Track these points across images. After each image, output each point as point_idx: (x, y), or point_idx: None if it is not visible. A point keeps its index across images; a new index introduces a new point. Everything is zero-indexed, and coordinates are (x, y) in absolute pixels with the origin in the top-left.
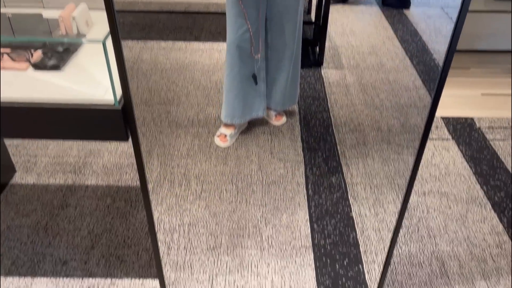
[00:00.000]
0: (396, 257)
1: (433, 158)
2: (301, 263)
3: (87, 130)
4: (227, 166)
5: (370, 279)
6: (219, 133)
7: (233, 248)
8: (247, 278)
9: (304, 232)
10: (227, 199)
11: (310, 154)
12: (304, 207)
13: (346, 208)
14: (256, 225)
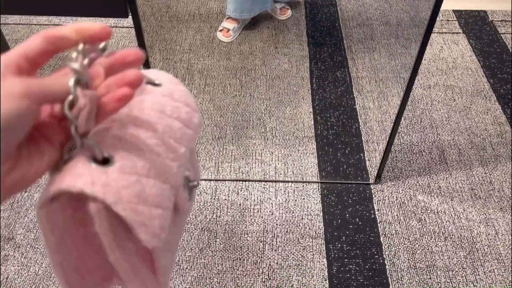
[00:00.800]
0: (397, 146)
1: (441, 52)
2: (303, 152)
3: (89, 5)
4: (230, 61)
5: (371, 165)
6: (222, 27)
7: (237, 138)
8: (252, 165)
9: (307, 124)
10: (231, 93)
11: (316, 49)
12: (308, 100)
13: (350, 101)
14: (260, 117)
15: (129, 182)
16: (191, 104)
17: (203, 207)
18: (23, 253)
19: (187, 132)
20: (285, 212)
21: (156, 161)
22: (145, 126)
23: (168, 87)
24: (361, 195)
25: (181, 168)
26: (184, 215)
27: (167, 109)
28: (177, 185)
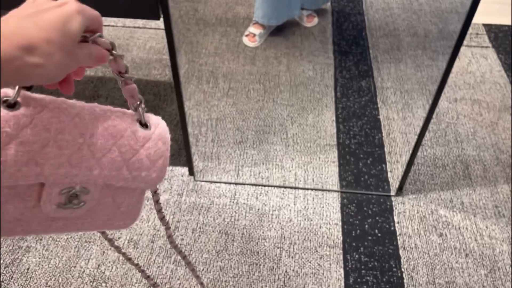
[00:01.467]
0: (420, 159)
1: (469, 65)
2: (325, 160)
3: (121, 5)
4: (255, 65)
5: (392, 177)
6: (248, 32)
7: (259, 143)
8: (272, 171)
9: (329, 132)
10: (254, 98)
11: (341, 57)
12: (331, 108)
13: (374, 111)
14: (282, 123)
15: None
16: (155, 163)
17: (222, 210)
18: (45, 245)
19: (122, 170)
20: (303, 219)
21: (49, 147)
22: (78, 127)
23: (149, 136)
24: (382, 206)
25: (75, 178)
26: (40, 216)
27: (121, 141)
28: (52, 181)
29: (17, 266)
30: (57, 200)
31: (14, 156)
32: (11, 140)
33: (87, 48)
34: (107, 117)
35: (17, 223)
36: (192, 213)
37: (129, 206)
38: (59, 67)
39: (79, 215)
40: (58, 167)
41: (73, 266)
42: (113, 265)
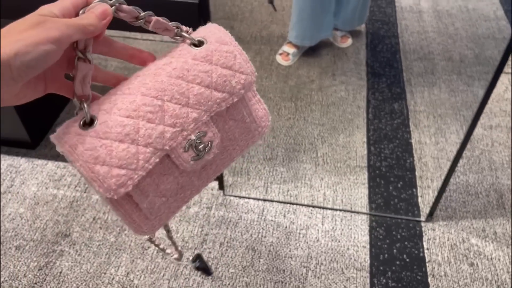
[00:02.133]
0: (453, 185)
1: (506, 92)
2: (354, 181)
3: None
4: (287, 84)
5: (423, 202)
6: (282, 51)
7: (288, 161)
8: (300, 189)
9: (360, 153)
10: (285, 115)
11: (374, 79)
12: (362, 129)
13: (405, 134)
14: (312, 142)
15: (93, 146)
16: (234, 66)
17: (249, 225)
18: (78, 250)
19: (214, 96)
20: (330, 240)
21: (141, 128)
22: (146, 94)
23: (210, 48)
24: (411, 231)
25: (183, 133)
26: (193, 174)
27: (189, 74)
28: (170, 148)
29: (50, 269)
30: (189, 157)
31: (123, 154)
32: (111, 144)
33: (81, 17)
34: (166, 66)
35: (182, 190)
36: (220, 227)
37: (250, 113)
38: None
39: (219, 151)
40: (162, 135)
41: (103, 273)
42: (142, 274)
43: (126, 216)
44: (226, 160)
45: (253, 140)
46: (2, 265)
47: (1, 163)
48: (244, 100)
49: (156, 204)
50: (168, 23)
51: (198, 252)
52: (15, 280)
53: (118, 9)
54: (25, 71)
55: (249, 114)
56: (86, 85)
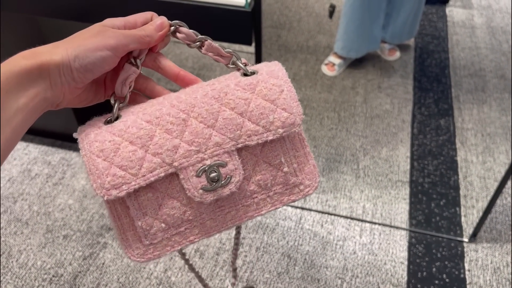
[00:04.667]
0: (499, 207)
1: None
2: (395, 196)
3: (215, 30)
4: (331, 94)
5: (467, 222)
6: (328, 61)
7: (329, 171)
8: (339, 200)
9: (402, 168)
10: (328, 126)
11: (421, 93)
12: (406, 144)
13: (451, 151)
14: (354, 153)
15: (103, 139)
16: (277, 100)
17: (286, 232)
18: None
19: (245, 126)
20: (368, 253)
21: (156, 136)
22: (175, 105)
23: (257, 78)
24: (452, 251)
25: (199, 154)
26: (205, 210)
27: (226, 97)
28: (180, 166)
29: (94, 260)
30: (199, 184)
31: (128, 155)
32: (121, 142)
33: (139, 29)
34: (206, 87)
35: (189, 225)
36: (257, 231)
37: (291, 163)
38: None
39: (241, 194)
40: (175, 149)
41: (142, 267)
42: (179, 271)
43: (120, 229)
44: (251, 209)
45: (291, 198)
46: (50, 252)
47: (55, 156)
48: (285, 144)
49: (153, 227)
50: (222, 50)
51: (253, 285)
52: (61, 267)
53: (177, 30)
54: (83, 74)
55: (290, 163)
56: (126, 86)
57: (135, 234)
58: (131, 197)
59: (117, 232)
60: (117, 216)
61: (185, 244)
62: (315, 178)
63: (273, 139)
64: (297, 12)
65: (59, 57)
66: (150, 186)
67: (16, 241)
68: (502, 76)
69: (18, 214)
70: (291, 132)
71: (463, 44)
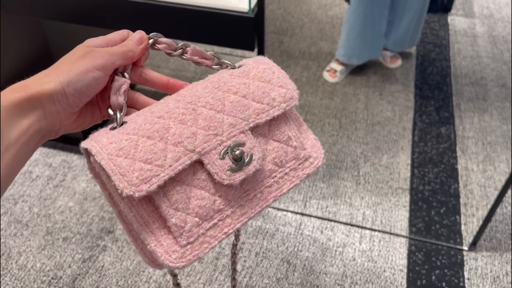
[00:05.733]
0: (499, 215)
1: None
2: (395, 203)
3: (218, 35)
4: (332, 100)
5: (466, 230)
6: (329, 68)
7: (329, 177)
8: (340, 206)
9: (403, 175)
10: (329, 132)
11: (422, 101)
12: (407, 151)
13: (452, 159)
14: (355, 160)
15: (118, 139)
16: (272, 80)
17: (286, 238)
18: (120, 247)
19: (252, 106)
20: (367, 260)
21: (172, 127)
22: (180, 100)
23: (248, 67)
24: (452, 259)
25: (218, 137)
26: (232, 196)
27: (226, 85)
28: (204, 151)
29: (93, 262)
30: (225, 165)
31: (150, 148)
32: (138, 139)
33: (121, 45)
34: (203, 82)
35: (220, 215)
36: (257, 237)
37: (297, 137)
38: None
39: (262, 174)
40: (194, 136)
41: (142, 271)
42: (178, 275)
43: (151, 236)
44: (273, 189)
45: (305, 171)
46: (49, 255)
47: (56, 158)
48: (288, 121)
49: (187, 224)
50: (206, 52)
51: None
52: (60, 269)
53: (156, 41)
54: (78, 98)
55: (296, 138)
56: (121, 96)
57: (168, 237)
58: (159, 193)
59: (147, 240)
60: (144, 223)
61: (221, 238)
62: (320, 150)
63: (278, 118)
64: (300, 19)
65: (51, 86)
66: (176, 179)
67: (16, 243)
68: (503, 85)
69: (18, 216)
70: (291, 107)
71: (464, 52)
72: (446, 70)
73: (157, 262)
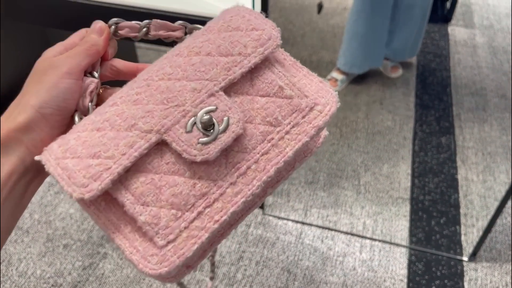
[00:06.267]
0: (499, 226)
1: None
2: (396, 213)
3: None
4: None
5: (466, 241)
6: (330, 77)
7: (329, 186)
8: (340, 215)
9: (403, 185)
10: (329, 141)
11: (422, 111)
12: (407, 161)
13: (452, 169)
14: (355, 169)
15: (66, 140)
16: (241, 26)
17: (286, 247)
18: (120, 254)
19: (220, 62)
20: (367, 270)
21: (125, 111)
22: (136, 81)
23: (212, 21)
24: (452, 269)
25: (180, 108)
26: (216, 173)
27: (186, 50)
28: (164, 128)
29: (93, 270)
30: (193, 138)
31: (98, 141)
32: (87, 135)
33: (81, 43)
34: (164, 55)
35: (206, 200)
36: (258, 245)
37: (293, 84)
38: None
39: (252, 140)
40: (150, 115)
41: (142, 279)
42: (173, 285)
43: (125, 242)
44: (273, 155)
45: (314, 123)
46: (50, 261)
47: None
48: (275, 68)
49: (162, 218)
50: (171, 24)
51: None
52: (60, 277)
53: (117, 28)
54: (60, 115)
55: (291, 85)
56: (86, 98)
57: (144, 241)
58: (120, 189)
59: (121, 248)
60: (115, 229)
61: (212, 228)
62: (330, 93)
63: (259, 67)
64: (301, 28)
65: (25, 116)
66: (138, 169)
67: (16, 249)
68: (503, 96)
69: (19, 222)
70: (272, 49)
71: (464, 63)
72: (446, 80)
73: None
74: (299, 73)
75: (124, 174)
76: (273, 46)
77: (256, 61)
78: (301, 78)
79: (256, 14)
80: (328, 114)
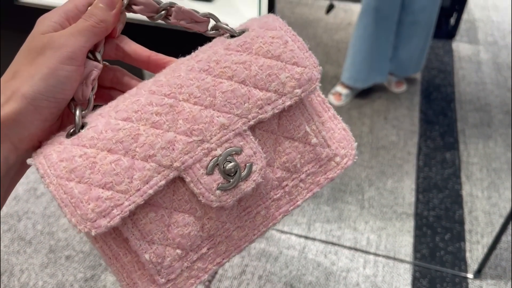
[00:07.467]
0: (504, 243)
1: None
2: (400, 228)
3: None
4: None
5: (471, 258)
6: (335, 91)
7: (333, 200)
8: (344, 230)
9: (407, 200)
10: None
11: (427, 126)
12: (411, 176)
13: (456, 185)
14: (359, 184)
15: (71, 155)
16: (283, 55)
17: (290, 261)
18: None
19: (253, 96)
20: (371, 285)
21: (142, 134)
22: (156, 92)
23: (250, 35)
24: (457, 286)
25: (204, 145)
26: (227, 216)
27: (218, 66)
28: (184, 166)
29: (95, 282)
30: (213, 183)
31: (110, 168)
32: (96, 154)
33: (86, 16)
34: (189, 60)
35: (211, 242)
36: (260, 259)
37: (319, 131)
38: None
39: (267, 185)
40: (171, 146)
41: None
42: None
43: (122, 273)
44: (283, 203)
45: (329, 176)
46: (52, 273)
47: None
48: (305, 110)
49: (166, 258)
50: (196, 14)
51: None
52: None
53: (131, 1)
54: (54, 106)
55: (317, 132)
56: (87, 87)
57: (143, 274)
58: (127, 224)
59: (118, 277)
60: (113, 256)
61: (212, 270)
62: (350, 144)
63: (290, 106)
64: (305, 42)
65: (15, 106)
66: (149, 203)
67: (18, 260)
68: (507, 112)
69: (22, 233)
70: (311, 91)
71: (469, 79)
72: (450, 96)
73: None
74: (326, 114)
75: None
76: (311, 89)
77: (290, 104)
78: (326, 120)
79: (300, 43)
80: (344, 168)
